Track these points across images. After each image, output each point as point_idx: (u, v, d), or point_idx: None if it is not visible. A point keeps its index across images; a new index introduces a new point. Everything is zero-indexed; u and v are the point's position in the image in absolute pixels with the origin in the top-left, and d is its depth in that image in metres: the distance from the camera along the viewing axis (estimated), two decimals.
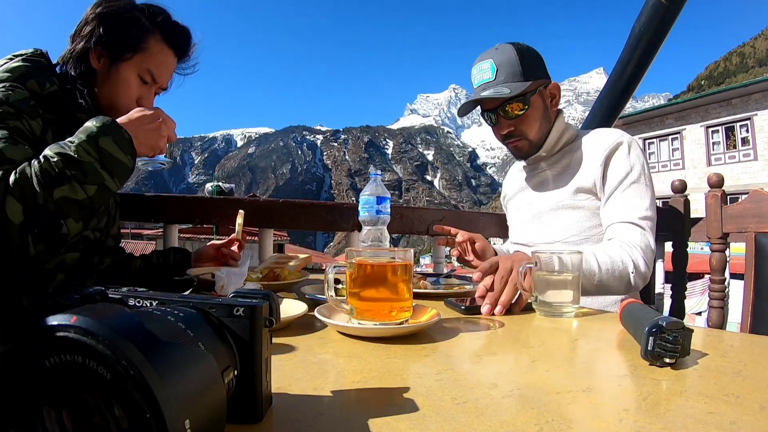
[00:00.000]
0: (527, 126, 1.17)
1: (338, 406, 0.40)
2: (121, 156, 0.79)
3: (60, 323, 0.23)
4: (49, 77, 0.93)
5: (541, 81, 1.16)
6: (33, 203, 0.70)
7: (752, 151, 15.14)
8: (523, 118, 1.16)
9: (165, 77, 1.04)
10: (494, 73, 1.13)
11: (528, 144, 1.20)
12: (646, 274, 1.03)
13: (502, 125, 1.18)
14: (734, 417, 0.37)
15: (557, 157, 1.23)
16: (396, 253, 0.66)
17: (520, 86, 1.10)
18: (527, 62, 1.13)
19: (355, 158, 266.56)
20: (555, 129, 1.21)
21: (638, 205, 1.07)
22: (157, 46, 1.00)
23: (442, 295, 0.98)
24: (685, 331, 0.49)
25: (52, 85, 0.93)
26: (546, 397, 0.41)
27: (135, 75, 0.99)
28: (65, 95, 0.94)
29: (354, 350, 0.56)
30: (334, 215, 1.70)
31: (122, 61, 0.97)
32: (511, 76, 1.12)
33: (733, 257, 1.39)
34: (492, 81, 1.13)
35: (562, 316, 0.77)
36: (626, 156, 1.11)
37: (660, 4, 1.96)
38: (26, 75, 0.90)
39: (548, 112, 1.19)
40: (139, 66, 0.99)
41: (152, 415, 0.22)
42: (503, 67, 1.12)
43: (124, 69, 0.98)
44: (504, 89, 1.10)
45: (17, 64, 0.91)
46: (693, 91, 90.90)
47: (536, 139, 1.20)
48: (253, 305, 0.34)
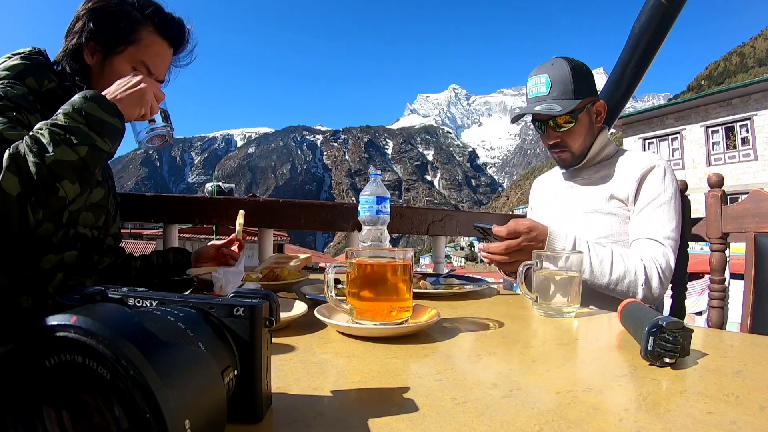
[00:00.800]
0: (572, 140, 1.25)
1: (338, 406, 0.40)
2: (108, 118, 0.80)
3: (60, 323, 0.23)
4: (47, 74, 0.93)
5: (589, 99, 1.23)
6: (27, 172, 0.71)
7: (752, 151, 15.13)
8: (570, 132, 1.24)
9: (160, 69, 1.04)
10: (548, 88, 1.20)
11: (571, 156, 1.28)
12: (658, 291, 1.07)
13: (549, 136, 1.26)
14: (734, 417, 0.37)
15: (596, 168, 1.30)
16: (396, 253, 0.66)
17: (571, 104, 1.18)
18: (579, 80, 1.20)
19: (355, 158, 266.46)
20: (597, 142, 1.28)
21: (665, 226, 1.13)
22: (150, 38, 1.00)
23: (442, 295, 0.98)
24: (685, 331, 0.49)
25: (50, 83, 0.93)
26: (546, 397, 0.41)
27: (129, 68, 0.98)
28: (64, 92, 0.94)
29: (354, 350, 0.56)
30: (334, 215, 1.70)
31: (115, 54, 0.97)
32: (563, 93, 1.19)
33: (733, 257, 1.39)
34: (546, 95, 1.20)
35: (562, 316, 0.77)
36: (662, 178, 1.17)
37: (660, 4, 1.96)
38: (24, 72, 0.90)
39: (593, 128, 1.27)
40: (132, 58, 0.99)
41: (152, 415, 0.22)
42: (557, 84, 1.19)
43: (117, 62, 0.98)
44: (556, 106, 1.17)
45: (15, 62, 0.92)
46: (693, 91, 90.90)
47: (579, 152, 1.27)
48: (253, 305, 0.34)
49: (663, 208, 1.15)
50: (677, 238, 1.14)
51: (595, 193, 1.26)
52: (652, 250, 1.10)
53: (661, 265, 1.08)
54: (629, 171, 1.21)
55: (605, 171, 1.27)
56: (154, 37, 1.01)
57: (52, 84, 0.93)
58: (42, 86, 0.92)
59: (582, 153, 1.28)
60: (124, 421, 0.23)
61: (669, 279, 1.09)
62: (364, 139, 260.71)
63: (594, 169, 1.31)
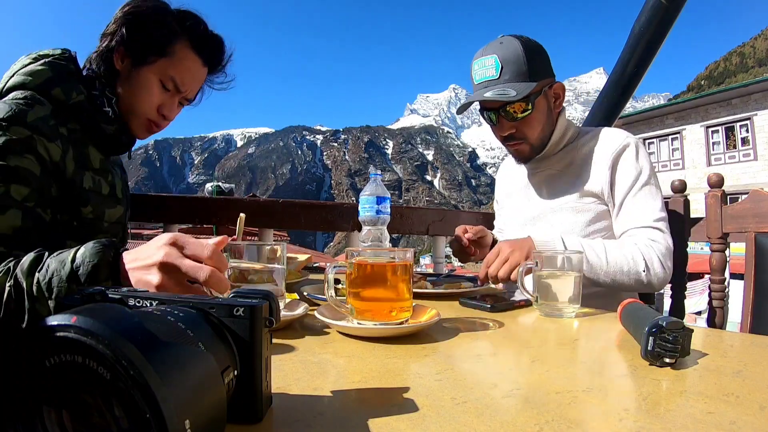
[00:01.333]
0: (530, 129, 1.11)
1: (338, 406, 0.40)
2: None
3: (60, 323, 0.23)
4: (76, 85, 0.88)
5: (546, 81, 1.10)
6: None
7: (752, 151, 15.13)
8: (526, 121, 1.10)
9: (190, 86, 0.99)
10: (498, 70, 1.04)
11: (529, 148, 1.15)
12: (662, 275, 1.02)
13: (503, 126, 1.12)
14: (734, 417, 0.37)
15: (559, 156, 1.19)
16: (396, 253, 0.66)
17: (527, 87, 1.03)
18: (534, 60, 1.05)
19: (355, 158, 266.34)
20: (558, 129, 1.16)
21: (652, 207, 1.06)
22: (183, 52, 0.95)
23: (442, 295, 0.98)
24: (685, 331, 0.49)
25: (78, 95, 0.88)
26: (546, 397, 0.41)
27: (157, 80, 0.94)
28: (91, 105, 0.90)
29: (354, 350, 0.56)
30: (334, 215, 1.70)
31: (145, 64, 0.93)
32: (517, 76, 1.04)
33: (733, 257, 1.39)
34: (496, 79, 1.05)
35: (562, 316, 0.77)
36: (634, 159, 1.09)
37: (660, 4, 1.96)
38: (52, 82, 0.85)
39: (551, 114, 1.14)
40: (162, 72, 0.94)
41: (152, 415, 0.22)
42: (509, 65, 1.04)
43: (145, 73, 0.93)
44: (509, 90, 1.03)
45: (41, 67, 0.86)
46: (693, 91, 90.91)
47: (538, 143, 1.15)
48: (253, 305, 0.34)
49: (644, 191, 1.07)
50: (666, 215, 1.08)
51: (562, 186, 1.15)
52: (646, 235, 1.04)
53: (659, 247, 1.02)
54: (598, 157, 1.11)
55: (569, 158, 1.16)
56: (188, 52, 0.96)
57: (80, 96, 0.88)
58: (70, 98, 0.87)
59: (542, 143, 1.15)
60: (124, 421, 0.23)
61: (670, 260, 1.04)
62: (364, 139, 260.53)
63: (557, 157, 1.18)
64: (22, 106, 0.78)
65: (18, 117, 0.76)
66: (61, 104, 0.85)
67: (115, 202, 0.98)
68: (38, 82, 0.84)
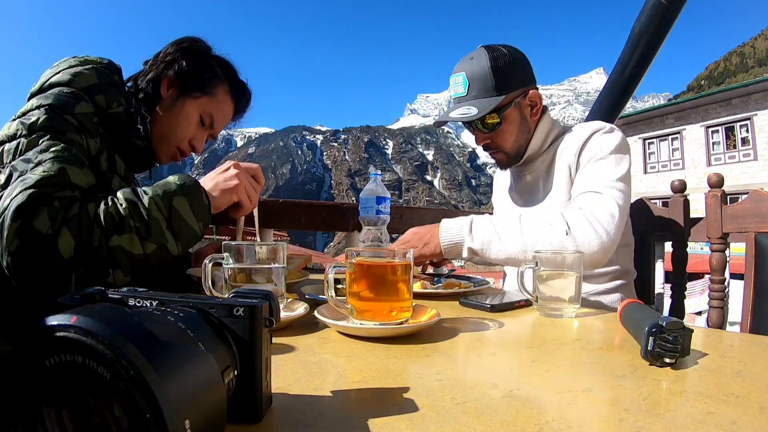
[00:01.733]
0: (502, 140, 1.14)
1: (338, 406, 0.40)
2: (192, 221, 0.78)
3: (60, 323, 0.23)
4: (117, 97, 0.92)
5: (517, 92, 1.10)
6: (87, 243, 0.68)
7: (752, 151, 15.14)
8: (498, 132, 1.13)
9: (221, 126, 1.07)
10: (466, 88, 1.08)
11: (506, 156, 1.17)
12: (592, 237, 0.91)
13: (478, 137, 1.17)
14: (734, 417, 0.37)
15: (543, 158, 1.19)
16: (396, 253, 0.66)
17: (491, 103, 1.06)
18: (501, 73, 1.07)
19: (355, 158, 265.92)
20: (538, 134, 1.16)
21: (604, 175, 1.00)
22: (223, 96, 1.04)
23: (442, 295, 0.98)
24: (685, 331, 0.49)
25: (118, 106, 0.92)
26: (546, 397, 0.41)
27: (197, 114, 1.01)
28: (128, 119, 0.94)
29: (354, 350, 0.56)
30: (334, 215, 1.70)
31: (190, 97, 0.99)
32: (483, 92, 1.07)
33: (733, 257, 1.39)
34: (464, 96, 1.09)
35: (562, 316, 0.77)
36: (600, 137, 1.07)
37: (660, 4, 1.96)
38: (96, 89, 0.88)
39: (526, 123, 1.15)
40: (203, 107, 1.01)
41: (152, 415, 0.22)
42: (475, 82, 1.08)
43: (190, 105, 1.00)
44: (472, 109, 1.06)
45: (87, 71, 0.89)
46: (693, 91, 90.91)
47: (514, 152, 1.16)
48: (253, 305, 0.34)
49: (599, 163, 1.02)
50: (623, 188, 0.99)
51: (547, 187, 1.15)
52: (581, 200, 0.98)
53: (591, 211, 0.93)
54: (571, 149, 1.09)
55: (548, 158, 1.16)
56: (227, 96, 1.05)
57: (119, 108, 0.92)
58: (110, 108, 0.90)
59: (518, 152, 1.16)
60: (124, 421, 0.23)
61: (610, 228, 0.93)
62: (364, 139, 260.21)
63: (541, 159, 1.19)
64: (70, 99, 0.82)
65: (65, 107, 0.81)
66: (101, 110, 0.89)
67: None
68: (83, 85, 0.87)
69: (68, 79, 0.86)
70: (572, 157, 1.08)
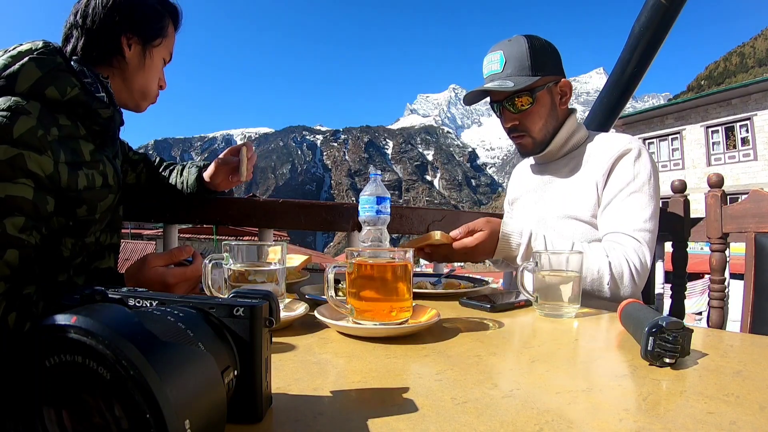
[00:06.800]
0: (531, 122, 1.14)
1: (338, 406, 0.40)
2: None
3: (60, 323, 0.23)
4: (68, 79, 0.82)
5: (551, 77, 1.13)
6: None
7: (752, 151, 15.14)
8: (528, 113, 1.13)
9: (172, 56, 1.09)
10: (502, 65, 1.11)
11: (532, 141, 1.17)
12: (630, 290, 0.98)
13: (506, 118, 1.16)
14: (734, 417, 0.37)
15: (565, 161, 1.19)
16: (396, 253, 0.66)
17: (526, 80, 1.08)
18: (538, 56, 1.10)
19: (355, 158, 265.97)
20: (565, 128, 1.16)
21: (638, 216, 1.02)
22: (170, 29, 1.04)
23: (442, 295, 0.98)
24: (685, 331, 0.49)
25: (72, 89, 0.83)
26: (546, 397, 0.41)
27: (161, 59, 1.02)
28: (86, 94, 0.86)
29: (354, 350, 0.56)
30: (334, 215, 1.69)
31: (152, 47, 0.99)
32: (519, 70, 1.10)
33: (733, 257, 1.39)
34: (499, 73, 1.12)
35: (562, 316, 0.77)
36: (632, 163, 1.06)
37: (660, 4, 1.96)
38: (43, 83, 0.79)
39: (556, 110, 1.16)
40: (164, 50, 1.02)
41: (152, 415, 0.22)
42: (512, 60, 1.10)
43: (156, 54, 1.00)
44: (508, 82, 1.08)
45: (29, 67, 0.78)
46: (693, 91, 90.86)
47: (540, 137, 1.16)
48: (253, 305, 0.34)
49: (634, 197, 1.03)
50: (653, 228, 1.03)
51: (565, 194, 1.15)
52: (623, 246, 1.00)
53: (633, 262, 0.97)
54: (599, 161, 1.09)
55: (573, 163, 1.16)
56: (171, 27, 1.05)
57: (74, 90, 0.82)
58: (65, 95, 0.81)
59: (544, 138, 1.16)
60: (124, 421, 0.23)
61: (644, 277, 1.00)
62: (364, 139, 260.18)
63: (563, 161, 1.19)
64: (6, 121, 0.72)
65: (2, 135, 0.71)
66: (54, 102, 0.81)
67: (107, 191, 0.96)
68: (28, 85, 0.78)
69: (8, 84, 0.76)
70: (599, 175, 1.08)
